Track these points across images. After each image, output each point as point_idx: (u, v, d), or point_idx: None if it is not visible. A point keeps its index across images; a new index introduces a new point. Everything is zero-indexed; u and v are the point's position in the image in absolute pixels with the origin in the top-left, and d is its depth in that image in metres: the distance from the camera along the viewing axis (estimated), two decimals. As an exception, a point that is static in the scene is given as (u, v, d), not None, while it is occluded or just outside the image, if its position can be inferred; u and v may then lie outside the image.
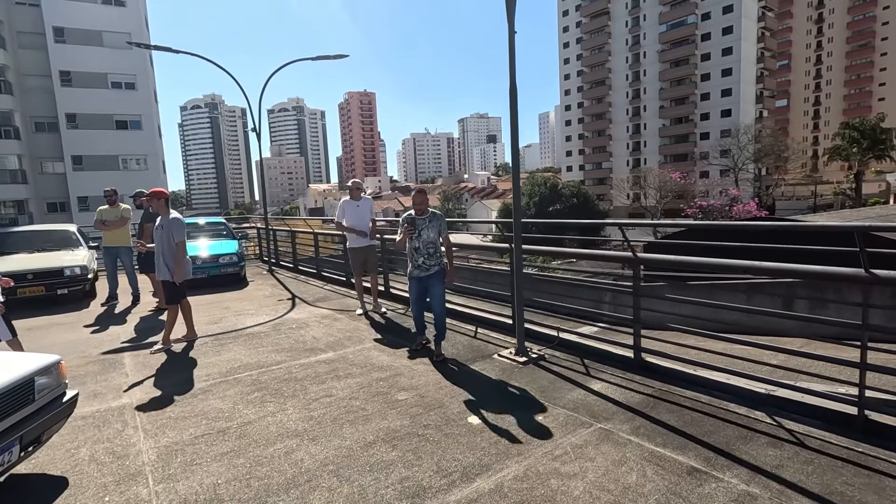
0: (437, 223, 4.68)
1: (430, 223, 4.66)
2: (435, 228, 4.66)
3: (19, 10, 31.28)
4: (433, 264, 4.68)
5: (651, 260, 4.24)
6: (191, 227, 10.95)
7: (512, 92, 4.41)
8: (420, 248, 4.64)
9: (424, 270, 4.69)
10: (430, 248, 4.65)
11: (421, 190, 4.75)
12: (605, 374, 4.18)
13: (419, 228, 4.64)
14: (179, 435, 3.37)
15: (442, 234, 4.72)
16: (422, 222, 4.66)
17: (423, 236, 4.63)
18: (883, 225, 2.95)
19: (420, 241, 4.63)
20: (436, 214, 4.72)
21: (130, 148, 34.20)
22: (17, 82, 31.25)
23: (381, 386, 4.12)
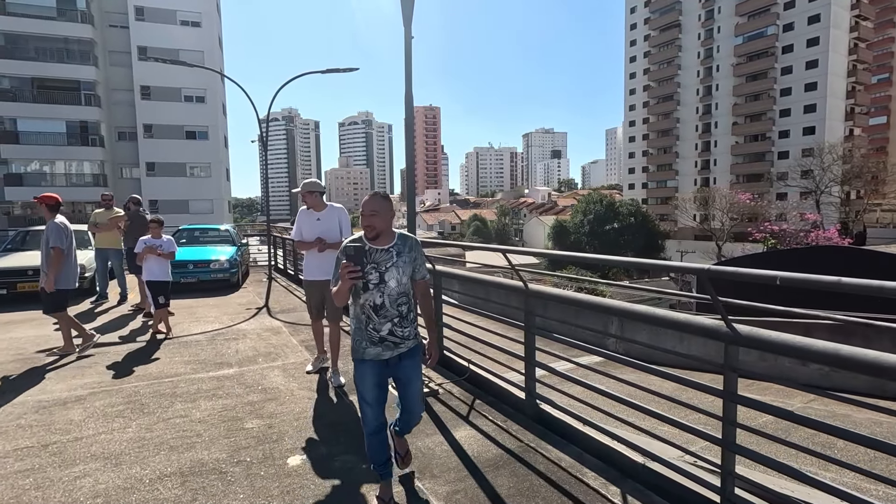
0: (411, 255, 2.50)
1: (398, 257, 2.45)
2: (407, 266, 2.48)
3: (111, 32, 34.91)
4: (407, 335, 2.50)
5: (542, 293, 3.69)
6: (194, 232, 11.41)
7: (407, 99, 4.08)
8: (384, 306, 2.42)
9: (391, 347, 2.46)
10: (402, 303, 2.47)
11: (378, 195, 2.48)
12: (485, 418, 3.68)
13: (377, 267, 2.42)
14: (4, 446, 3.30)
15: (417, 274, 2.57)
16: (383, 256, 2.43)
17: (389, 282, 2.41)
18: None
19: (383, 293, 2.42)
20: (407, 239, 2.54)
21: (197, 156, 36.86)
22: (105, 96, 34.76)
23: (243, 411, 3.87)
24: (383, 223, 2.44)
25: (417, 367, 2.62)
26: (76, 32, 33.08)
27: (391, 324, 2.45)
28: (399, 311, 2.47)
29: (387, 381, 2.57)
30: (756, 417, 3.98)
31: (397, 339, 2.47)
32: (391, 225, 2.51)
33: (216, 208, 37.02)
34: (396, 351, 2.48)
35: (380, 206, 2.43)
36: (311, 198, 4.44)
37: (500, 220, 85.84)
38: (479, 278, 4.67)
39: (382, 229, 2.44)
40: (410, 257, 2.50)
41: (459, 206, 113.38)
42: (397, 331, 2.46)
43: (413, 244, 2.54)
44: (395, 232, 2.52)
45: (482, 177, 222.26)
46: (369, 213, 2.41)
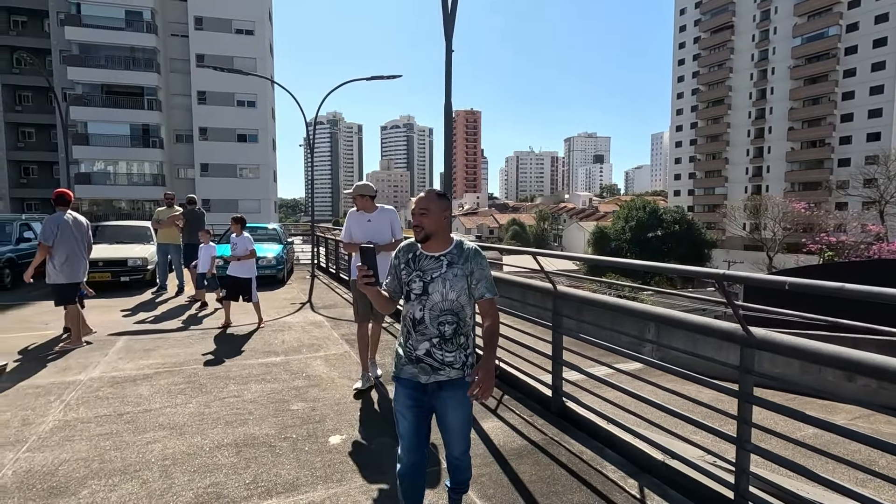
0: (467, 267, 2.11)
1: (449, 268, 2.09)
2: (458, 279, 2.09)
3: (172, 41, 37.13)
4: (451, 361, 2.11)
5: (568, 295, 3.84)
6: (245, 230, 12.08)
7: (447, 111, 4.33)
8: (423, 321, 2.10)
9: (428, 371, 2.12)
10: (447, 322, 2.09)
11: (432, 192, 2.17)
12: (512, 412, 3.87)
13: (422, 276, 2.11)
14: (87, 412, 3.76)
15: (476, 291, 2.13)
16: (431, 264, 2.11)
17: (433, 295, 2.08)
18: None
19: (424, 306, 2.09)
20: (465, 248, 2.15)
21: (247, 158, 38.60)
22: (166, 101, 36.99)
23: (289, 395, 4.22)
24: (434, 224, 2.09)
25: (461, 403, 2.14)
26: (142, 42, 35.40)
27: (429, 343, 2.09)
28: (440, 331, 2.08)
29: (425, 411, 2.17)
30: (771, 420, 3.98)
31: (436, 364, 2.10)
32: (446, 228, 2.14)
33: (263, 208, 38.61)
34: (434, 377, 2.11)
35: (432, 204, 2.09)
36: (362, 200, 4.41)
37: (538, 225, 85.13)
38: (510, 279, 4.86)
39: (433, 231, 2.09)
40: (465, 270, 2.09)
41: (498, 211, 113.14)
42: (436, 353, 2.09)
43: (471, 255, 2.12)
44: (452, 238, 2.18)
45: (522, 181, 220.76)
46: (419, 212, 2.10)
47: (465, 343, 2.16)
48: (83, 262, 5.75)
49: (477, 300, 2.16)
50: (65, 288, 5.56)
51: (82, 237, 5.74)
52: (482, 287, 2.13)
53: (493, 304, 2.16)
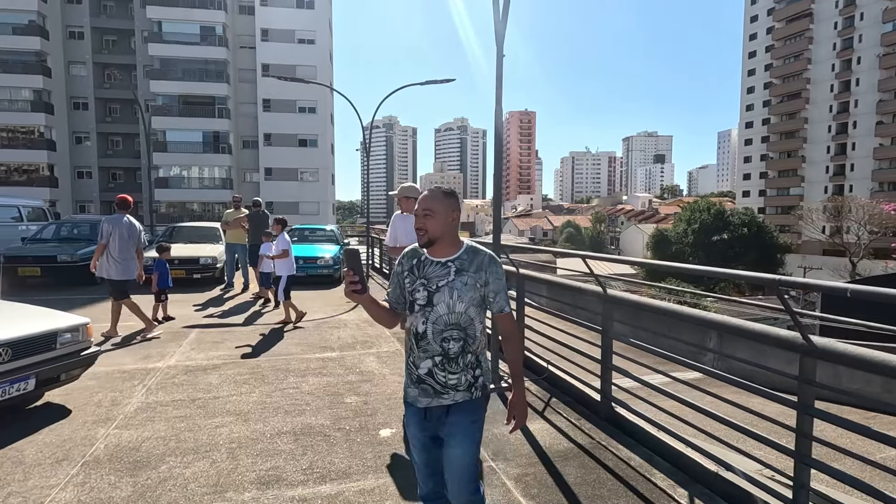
0: (478, 276, 1.85)
1: (457, 275, 1.84)
2: (467, 289, 1.83)
3: (241, 52, 39.47)
4: (455, 383, 1.85)
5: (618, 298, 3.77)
6: (304, 231, 12.70)
7: (497, 114, 4.39)
8: (425, 336, 1.85)
9: (429, 393, 1.86)
10: (452, 338, 1.84)
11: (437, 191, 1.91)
12: (559, 415, 3.86)
13: (427, 284, 1.86)
14: (165, 396, 4.15)
15: (493, 305, 1.89)
16: (437, 271, 1.86)
17: (437, 306, 1.83)
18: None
19: (427, 319, 1.85)
20: (478, 254, 1.88)
21: (307, 162, 40.32)
22: (234, 109, 39.36)
23: (343, 388, 4.43)
24: (439, 227, 1.84)
25: (468, 431, 1.84)
26: (214, 55, 37.89)
27: (431, 362, 1.83)
28: (444, 349, 1.81)
29: (434, 438, 1.89)
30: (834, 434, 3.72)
31: (437, 386, 1.83)
32: (453, 231, 1.88)
33: (322, 210, 40.16)
34: (437, 401, 1.84)
35: (437, 204, 1.85)
36: (408, 203, 4.27)
37: (594, 228, 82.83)
38: (560, 282, 4.84)
39: (437, 235, 1.84)
40: (476, 279, 1.82)
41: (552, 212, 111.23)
42: (438, 374, 1.82)
43: (485, 262, 1.84)
44: (463, 242, 1.90)
45: (577, 182, 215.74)
46: (422, 213, 1.84)
47: (474, 362, 1.87)
48: (133, 261, 6.17)
49: (495, 315, 1.90)
50: (118, 283, 6.02)
51: (134, 238, 6.15)
52: (501, 300, 1.87)
53: (513, 320, 1.95)
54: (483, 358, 1.93)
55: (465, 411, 1.86)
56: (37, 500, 2.64)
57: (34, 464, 3.03)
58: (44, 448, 3.23)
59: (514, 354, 1.95)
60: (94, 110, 39.20)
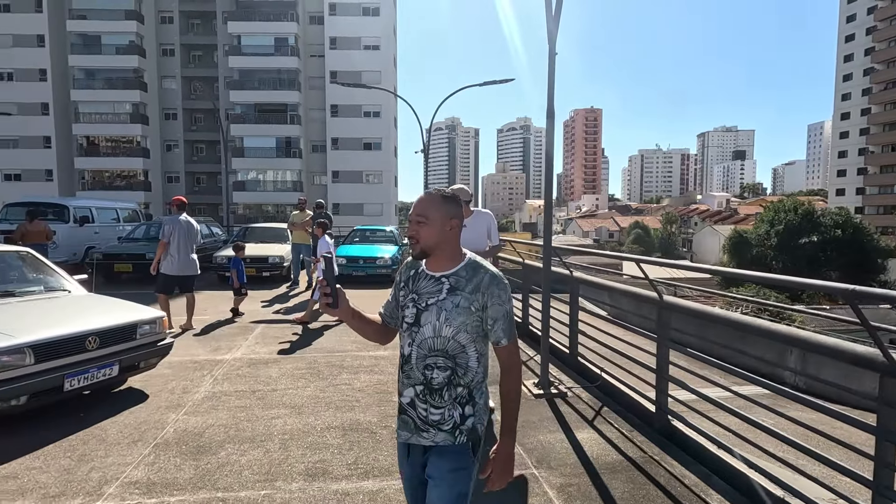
0: (475, 298, 1.54)
1: (450, 294, 1.55)
2: (459, 312, 1.54)
3: (311, 61, 41.44)
4: (439, 420, 1.56)
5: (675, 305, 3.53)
6: (365, 232, 13.09)
7: (549, 115, 4.30)
8: (409, 360, 1.60)
9: (410, 427, 1.60)
10: (435, 365, 1.56)
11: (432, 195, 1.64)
12: (610, 425, 3.70)
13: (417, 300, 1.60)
14: (229, 387, 4.43)
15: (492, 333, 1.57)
16: (429, 286, 1.59)
17: (424, 327, 1.56)
18: None
19: (413, 340, 1.60)
20: (478, 272, 1.57)
21: (371, 165, 41.57)
22: (304, 115, 41.39)
23: (393, 387, 4.51)
24: (433, 236, 1.56)
25: (447, 480, 1.55)
26: (287, 64, 40.06)
27: (413, 391, 1.58)
28: (426, 377, 1.54)
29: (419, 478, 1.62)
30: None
31: (418, 420, 1.57)
32: (452, 241, 1.59)
33: (385, 211, 41.22)
34: (417, 438, 1.58)
35: (432, 210, 1.57)
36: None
37: (665, 229, 78.72)
38: (614, 286, 4.65)
39: (431, 245, 1.56)
40: (471, 301, 1.52)
41: (619, 213, 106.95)
42: (419, 406, 1.56)
43: (483, 283, 1.53)
44: (465, 256, 1.61)
45: (647, 181, 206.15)
46: (415, 219, 1.59)
47: (465, 397, 1.56)
48: (192, 259, 6.52)
49: (493, 346, 1.59)
50: (168, 279, 6.31)
51: (192, 237, 6.51)
52: (500, 329, 1.55)
53: (514, 354, 1.60)
54: (480, 395, 1.60)
55: (445, 457, 1.55)
56: (114, 476, 2.92)
57: (114, 442, 3.35)
58: (123, 429, 3.56)
59: (508, 396, 1.60)
60: (181, 120, 42.80)
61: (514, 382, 1.62)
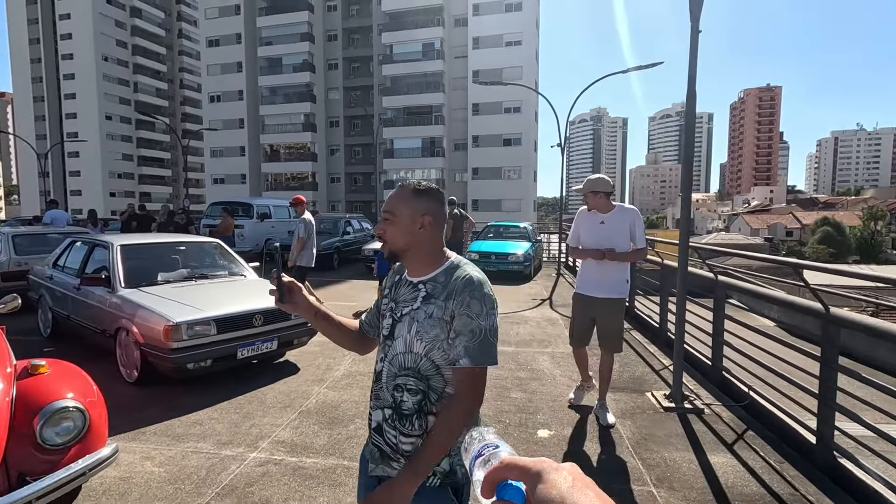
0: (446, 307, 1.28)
1: (424, 302, 1.32)
2: (432, 323, 1.28)
3: (454, 62, 43.01)
4: (407, 449, 1.30)
5: (846, 320, 2.88)
6: (499, 228, 13.23)
7: (690, 97, 3.88)
8: (380, 378, 1.37)
9: (379, 458, 1.35)
10: (409, 387, 1.30)
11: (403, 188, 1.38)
12: (754, 452, 3.22)
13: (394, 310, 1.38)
14: (363, 367, 4.91)
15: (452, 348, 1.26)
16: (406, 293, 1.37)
17: (396, 340, 1.34)
18: None
19: (385, 355, 1.37)
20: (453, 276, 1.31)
21: (511, 161, 41.69)
22: (448, 115, 43.19)
23: (511, 383, 4.54)
24: (400, 236, 1.35)
25: None
26: (432, 68, 42.23)
27: (381, 414, 1.35)
28: (394, 399, 1.32)
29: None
30: None
31: (387, 448, 1.34)
32: (427, 243, 1.35)
33: (523, 207, 41.07)
34: (383, 468, 1.34)
35: (401, 206, 1.35)
36: (595, 198, 3.67)
37: (866, 226, 64.75)
38: (770, 293, 4.01)
39: (398, 246, 1.36)
40: (445, 310, 1.28)
41: (801, 207, 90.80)
42: (388, 431, 1.33)
43: (458, 288, 1.28)
44: (447, 258, 1.37)
45: (841, 169, 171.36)
46: (383, 217, 1.39)
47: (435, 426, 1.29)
48: (314, 252, 7.31)
49: (454, 366, 1.26)
50: (302, 270, 7.07)
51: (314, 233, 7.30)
52: (460, 345, 1.24)
53: (471, 380, 1.26)
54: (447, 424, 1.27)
55: (420, 498, 1.25)
56: (267, 433, 3.46)
57: (270, 406, 3.95)
58: (278, 395, 4.19)
59: (443, 428, 1.24)
60: (342, 127, 47.95)
61: (456, 417, 1.24)
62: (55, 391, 2.48)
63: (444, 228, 1.39)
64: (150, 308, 4.27)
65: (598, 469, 3.04)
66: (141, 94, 61.41)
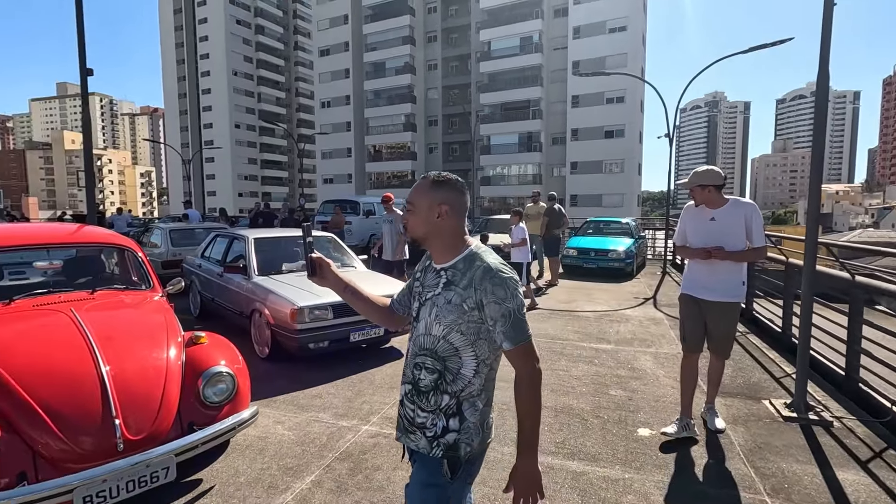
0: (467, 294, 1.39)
1: (445, 288, 1.44)
2: (451, 308, 1.41)
3: (553, 54, 42.00)
4: (423, 423, 1.46)
5: None
6: (599, 224, 12.81)
7: (822, 75, 3.52)
8: (407, 355, 1.56)
9: (402, 429, 1.53)
10: (427, 367, 1.45)
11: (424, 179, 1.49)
12: (891, 471, 2.88)
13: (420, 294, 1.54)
14: (462, 357, 5.12)
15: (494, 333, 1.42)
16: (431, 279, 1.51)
17: (419, 322, 1.50)
18: None
19: (413, 335, 1.53)
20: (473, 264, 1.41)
21: (612, 154, 39.76)
22: (545, 109, 42.32)
23: (610, 380, 4.46)
24: (420, 225, 1.47)
25: (417, 495, 1.46)
26: (530, 62, 41.62)
27: (404, 389, 1.51)
28: (413, 377, 1.47)
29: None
30: None
31: (406, 421, 1.50)
32: (446, 231, 1.45)
33: (626, 202, 39.01)
34: (405, 439, 1.50)
35: (418, 196, 1.47)
36: (703, 192, 3.29)
37: None
38: None
39: (419, 235, 1.48)
40: (465, 298, 1.38)
41: (979, 199, 74.97)
42: (408, 405, 1.49)
43: (476, 277, 1.38)
44: (466, 246, 1.46)
45: None
46: (406, 207, 1.52)
47: (452, 409, 1.42)
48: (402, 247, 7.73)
49: (504, 351, 1.45)
50: (390, 264, 7.51)
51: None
52: (502, 330, 1.38)
53: (528, 361, 1.43)
54: (471, 411, 1.45)
55: (423, 468, 1.46)
56: (377, 409, 3.80)
57: (379, 385, 4.32)
58: (385, 376, 4.55)
59: (524, 409, 1.44)
60: (441, 125, 49.14)
61: (526, 394, 1.44)
62: (213, 358, 2.99)
63: (465, 217, 1.50)
64: (278, 293, 4.86)
65: (703, 472, 2.92)
66: (263, 103, 68.09)
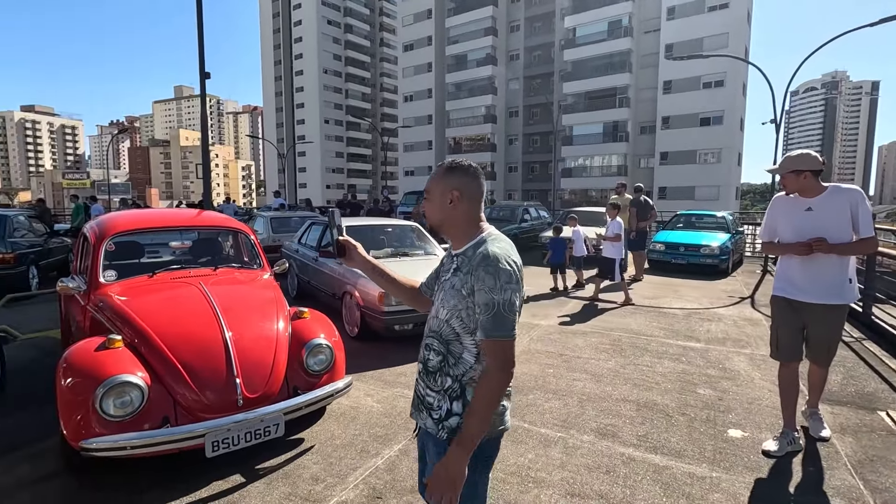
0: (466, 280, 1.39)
1: (453, 274, 1.45)
2: (454, 294, 1.42)
3: (643, 38, 39.63)
4: (431, 402, 1.48)
5: None
6: (690, 217, 12.06)
7: None
8: (424, 339, 1.55)
9: (414, 407, 1.56)
10: (434, 348, 1.48)
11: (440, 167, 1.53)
12: None
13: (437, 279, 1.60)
14: (542, 347, 5.15)
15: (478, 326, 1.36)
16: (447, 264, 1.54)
17: (435, 304, 1.54)
18: None
19: (428, 318, 1.56)
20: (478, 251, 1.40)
21: (708, 143, 36.86)
22: (634, 96, 40.16)
23: (699, 379, 4.27)
24: (435, 212, 1.50)
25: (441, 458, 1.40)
26: (618, 47, 39.66)
27: (418, 367, 1.56)
28: (423, 356, 1.51)
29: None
30: None
31: (417, 398, 1.54)
32: (459, 218, 1.47)
33: (722, 195, 36.09)
34: (416, 415, 1.53)
35: (432, 184, 1.51)
36: (796, 180, 2.88)
37: None
38: None
39: (434, 222, 1.52)
40: (464, 283, 1.38)
41: None
42: (419, 384, 1.54)
43: (474, 263, 1.37)
44: (480, 232, 1.46)
45: None
46: (424, 196, 1.57)
47: (456, 391, 1.41)
48: None
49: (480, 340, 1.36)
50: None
51: None
52: (483, 318, 1.33)
53: (497, 355, 1.33)
54: (460, 389, 1.41)
55: (435, 445, 1.47)
56: (457, 391, 3.96)
57: (459, 369, 4.48)
58: (465, 361, 4.70)
59: (474, 405, 1.35)
60: (521, 116, 48.46)
61: (481, 390, 1.34)
62: (314, 331, 3.31)
63: (481, 203, 1.49)
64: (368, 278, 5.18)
65: (802, 479, 2.75)
66: (350, 99, 71.19)
